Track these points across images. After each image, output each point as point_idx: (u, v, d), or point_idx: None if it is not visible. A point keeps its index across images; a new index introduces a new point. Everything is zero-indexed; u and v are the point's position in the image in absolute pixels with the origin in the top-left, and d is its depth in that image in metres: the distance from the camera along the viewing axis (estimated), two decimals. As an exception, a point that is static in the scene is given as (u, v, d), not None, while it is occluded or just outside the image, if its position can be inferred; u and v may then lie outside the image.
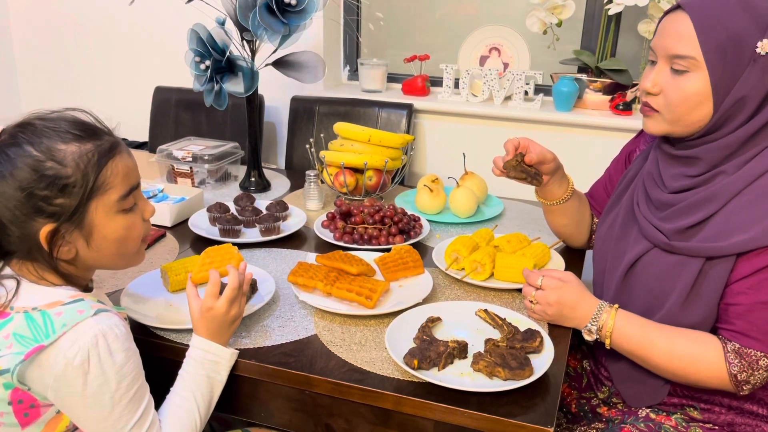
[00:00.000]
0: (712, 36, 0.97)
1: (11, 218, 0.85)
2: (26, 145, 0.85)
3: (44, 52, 2.61)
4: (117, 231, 0.91)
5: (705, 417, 1.11)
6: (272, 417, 1.08)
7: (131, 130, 2.51)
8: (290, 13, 1.61)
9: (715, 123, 1.02)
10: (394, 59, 2.33)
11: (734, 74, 0.98)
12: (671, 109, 1.04)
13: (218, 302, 1.01)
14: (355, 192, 1.72)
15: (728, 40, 0.97)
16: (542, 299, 1.12)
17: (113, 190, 0.89)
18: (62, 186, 0.85)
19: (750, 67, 0.97)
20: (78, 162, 0.86)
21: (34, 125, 0.87)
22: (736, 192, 1.01)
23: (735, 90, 0.99)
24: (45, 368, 0.83)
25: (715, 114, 1.01)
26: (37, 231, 0.86)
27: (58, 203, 0.85)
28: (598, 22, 2.07)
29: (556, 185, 1.34)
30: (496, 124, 2.12)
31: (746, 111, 1.00)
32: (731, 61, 0.98)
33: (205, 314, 1.01)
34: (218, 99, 1.68)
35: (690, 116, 1.03)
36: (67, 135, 0.87)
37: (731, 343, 1.01)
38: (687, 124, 1.04)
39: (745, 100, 0.99)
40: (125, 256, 0.96)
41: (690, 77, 1.00)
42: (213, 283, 1.02)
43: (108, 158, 0.89)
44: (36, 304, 0.86)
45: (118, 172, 0.90)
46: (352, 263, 1.26)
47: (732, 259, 1.00)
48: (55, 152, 0.85)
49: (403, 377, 1.00)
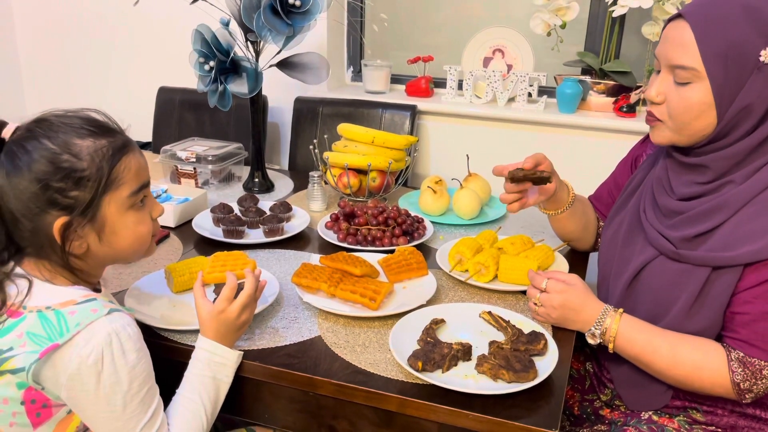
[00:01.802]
0: (713, 45, 0.96)
1: (24, 211, 0.86)
2: (43, 138, 0.87)
3: (48, 53, 2.62)
4: (127, 227, 0.93)
5: (708, 419, 1.11)
6: (276, 418, 1.08)
7: (135, 131, 2.44)
8: (294, 14, 1.61)
9: (720, 131, 1.01)
10: (397, 60, 2.33)
11: (738, 83, 0.97)
12: (674, 118, 1.03)
13: (232, 306, 1.01)
14: (358, 193, 1.72)
15: (730, 49, 0.96)
16: (547, 302, 1.12)
17: (125, 186, 0.91)
18: (77, 179, 0.86)
19: (754, 75, 0.96)
20: (93, 156, 0.88)
21: (50, 121, 0.89)
22: (745, 202, 1.01)
23: (739, 98, 0.97)
24: (59, 367, 0.84)
25: (720, 123, 1.00)
26: (50, 224, 0.87)
27: (72, 195, 0.86)
28: (602, 24, 2.06)
29: (559, 192, 1.34)
30: (500, 125, 2.11)
31: (752, 119, 0.99)
32: (733, 69, 0.96)
33: (216, 316, 1.01)
34: (222, 100, 1.68)
35: (693, 125, 1.02)
36: (82, 130, 0.89)
37: (735, 351, 1.00)
38: (691, 133, 1.03)
39: (750, 108, 0.98)
40: (136, 252, 0.98)
41: (692, 87, 0.99)
42: (231, 287, 1.02)
43: (121, 154, 0.91)
44: (49, 304, 0.87)
45: (131, 168, 0.92)
46: (355, 264, 1.26)
47: (739, 268, 0.99)
48: (71, 146, 0.87)
49: (407, 379, 1.00)
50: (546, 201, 1.34)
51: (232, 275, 1.04)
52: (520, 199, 1.30)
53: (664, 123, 1.06)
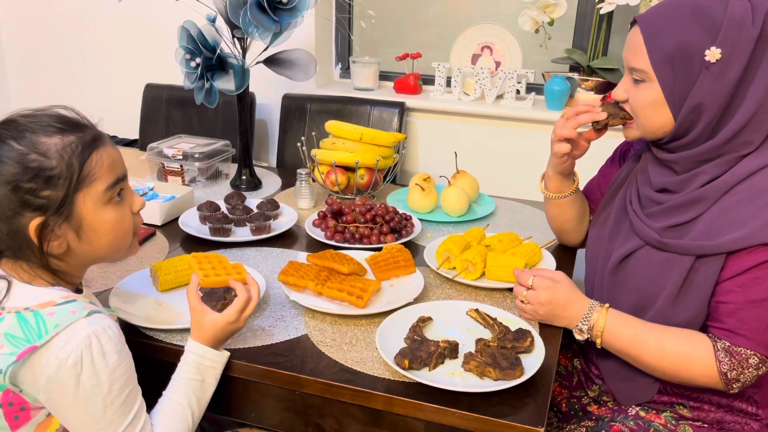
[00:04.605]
0: (659, 46, 1.01)
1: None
2: (9, 140, 0.85)
3: (34, 50, 2.59)
4: (106, 223, 0.91)
5: (694, 415, 1.12)
6: (263, 417, 1.07)
7: (121, 128, 2.50)
8: (281, 10, 1.60)
9: (678, 129, 1.05)
10: (386, 57, 2.32)
11: (687, 82, 1.01)
12: (636, 115, 1.10)
13: (242, 316, 1.01)
14: (346, 190, 1.72)
15: (676, 50, 0.99)
16: (533, 299, 1.12)
17: (99, 181, 0.89)
18: (47, 178, 0.85)
19: (702, 74, 0.99)
20: (62, 153, 0.86)
21: (16, 122, 0.87)
22: (722, 193, 1.02)
23: (690, 98, 1.01)
24: (37, 369, 0.82)
25: (676, 121, 1.04)
26: (26, 225, 0.85)
27: (44, 195, 0.85)
28: (590, 22, 2.07)
29: (570, 175, 1.35)
30: (488, 122, 2.12)
31: (706, 118, 1.01)
32: (681, 70, 1.00)
33: (224, 327, 1.00)
34: (209, 97, 1.67)
35: (651, 122, 1.07)
36: (49, 128, 0.87)
37: (721, 341, 1.01)
38: (652, 130, 1.08)
39: (701, 107, 1.01)
40: (118, 249, 0.96)
41: (646, 86, 1.05)
42: (244, 299, 1.02)
43: (92, 149, 0.88)
44: (28, 305, 0.85)
45: (103, 162, 0.90)
46: (343, 262, 1.26)
47: (722, 257, 1.01)
48: (39, 145, 0.85)
49: (394, 377, 1.00)
50: (557, 179, 1.33)
51: (242, 286, 1.03)
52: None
53: (632, 120, 1.12)
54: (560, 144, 1.26)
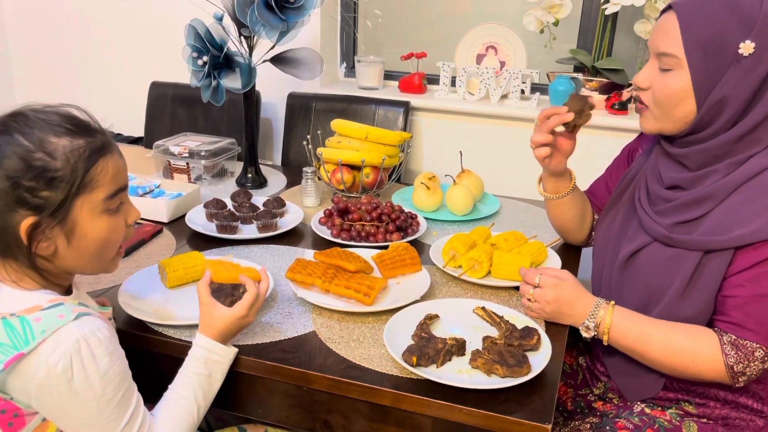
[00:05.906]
0: (695, 34, 1.00)
1: None
2: (17, 134, 0.83)
3: (39, 47, 2.60)
4: (99, 232, 0.88)
5: (700, 411, 1.12)
6: (270, 413, 1.08)
7: (127, 126, 2.50)
8: (288, 9, 1.61)
9: (700, 121, 1.04)
10: (391, 57, 2.33)
11: (717, 73, 1.00)
12: (657, 104, 1.08)
13: (251, 311, 1.02)
14: (352, 189, 1.72)
15: (711, 39, 0.99)
16: (540, 297, 1.13)
17: (100, 189, 0.87)
18: (49, 179, 0.82)
19: (732, 67, 0.99)
20: (68, 156, 0.83)
21: (26, 115, 0.85)
22: (731, 191, 1.03)
23: (717, 89, 1.01)
24: (26, 376, 0.80)
25: (699, 112, 1.03)
26: (18, 223, 0.82)
27: (42, 196, 0.82)
28: (595, 22, 2.07)
29: (565, 175, 1.35)
30: (493, 122, 2.12)
31: (728, 112, 1.01)
32: (713, 60, 1.00)
33: (234, 321, 1.00)
34: (215, 95, 1.67)
35: (674, 112, 1.06)
36: (59, 128, 0.85)
37: (727, 335, 1.02)
38: (673, 121, 1.07)
39: (726, 101, 1.01)
40: (101, 260, 0.92)
41: (673, 74, 1.04)
42: (254, 294, 1.02)
43: (99, 156, 0.86)
44: (14, 310, 0.83)
45: (108, 171, 0.87)
46: (349, 260, 1.26)
47: (730, 252, 1.02)
48: (46, 144, 0.83)
49: (402, 374, 1.00)
50: (555, 182, 1.34)
51: (251, 281, 1.03)
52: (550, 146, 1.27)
53: (650, 110, 1.10)
54: (539, 149, 1.27)
